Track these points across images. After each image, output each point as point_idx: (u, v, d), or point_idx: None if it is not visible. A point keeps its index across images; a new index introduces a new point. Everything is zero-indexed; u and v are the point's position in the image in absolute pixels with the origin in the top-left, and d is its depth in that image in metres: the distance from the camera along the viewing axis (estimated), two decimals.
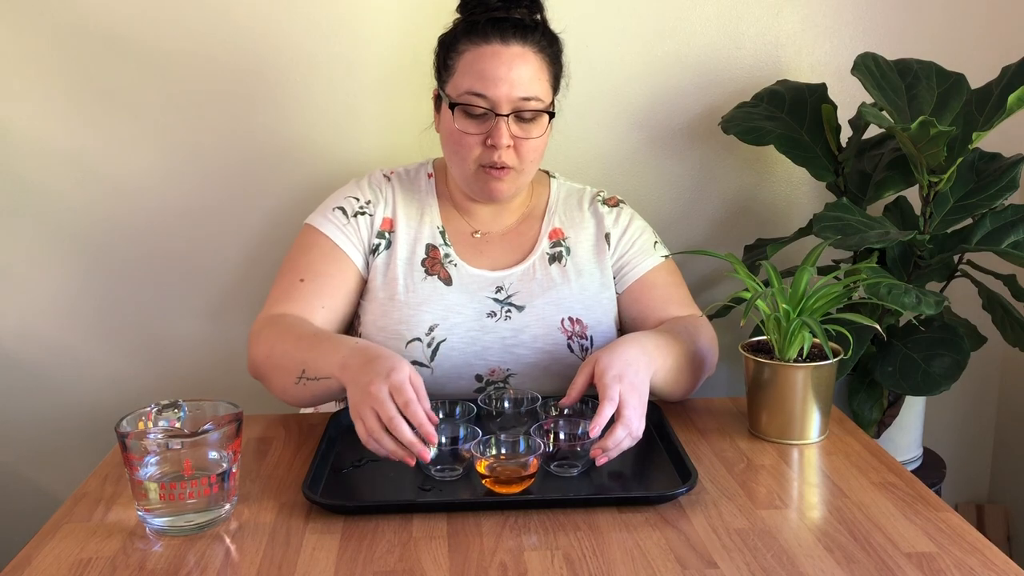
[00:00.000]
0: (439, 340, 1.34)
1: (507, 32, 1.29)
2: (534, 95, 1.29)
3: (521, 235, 1.44)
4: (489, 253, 1.42)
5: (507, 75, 1.28)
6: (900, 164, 1.60)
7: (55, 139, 1.74)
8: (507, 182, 1.33)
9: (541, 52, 1.32)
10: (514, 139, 1.30)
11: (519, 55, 1.29)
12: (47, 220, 1.78)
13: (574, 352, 1.37)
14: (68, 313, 1.82)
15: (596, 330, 1.38)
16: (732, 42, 1.78)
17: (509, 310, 1.37)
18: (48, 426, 1.87)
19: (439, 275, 1.38)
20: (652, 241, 1.47)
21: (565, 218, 1.46)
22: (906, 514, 1.03)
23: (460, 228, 1.43)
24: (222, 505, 1.03)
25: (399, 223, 1.41)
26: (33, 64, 1.71)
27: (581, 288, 1.40)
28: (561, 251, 1.42)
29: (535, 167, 1.37)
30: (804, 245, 1.61)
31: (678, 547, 0.96)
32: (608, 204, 1.48)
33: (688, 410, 1.34)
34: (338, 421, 1.27)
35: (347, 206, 1.40)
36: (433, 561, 0.94)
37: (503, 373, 1.36)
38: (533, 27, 1.32)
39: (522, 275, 1.40)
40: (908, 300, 1.34)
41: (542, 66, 1.32)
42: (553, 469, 1.12)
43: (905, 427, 1.70)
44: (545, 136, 1.34)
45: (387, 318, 1.35)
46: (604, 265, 1.43)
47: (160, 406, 1.07)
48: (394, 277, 1.38)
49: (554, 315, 1.37)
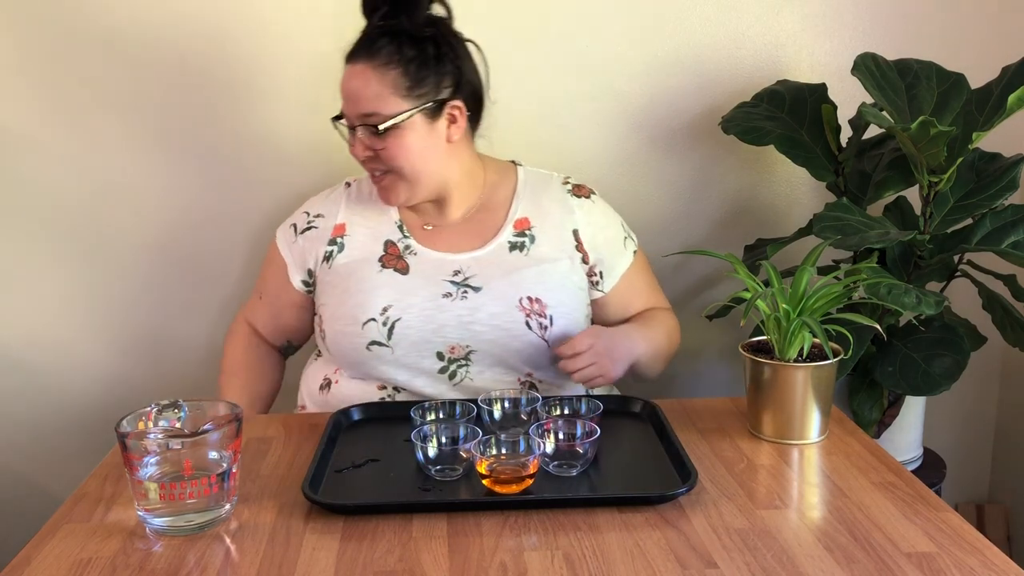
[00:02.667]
0: (394, 319, 1.38)
1: (357, 51, 1.37)
2: (372, 111, 1.35)
3: (482, 223, 1.47)
4: (449, 239, 1.46)
5: (349, 93, 1.37)
6: (900, 164, 1.60)
7: (55, 139, 1.74)
8: (391, 187, 1.40)
9: (387, 65, 1.34)
10: (372, 150, 1.37)
11: (358, 73, 1.35)
12: (47, 220, 1.78)
13: (532, 329, 1.39)
14: (68, 313, 1.82)
15: (557, 310, 1.41)
16: (732, 42, 1.78)
17: (465, 291, 1.41)
18: (48, 426, 1.87)
19: (395, 267, 1.43)
20: (622, 237, 1.52)
21: (532, 207, 1.48)
22: (906, 514, 1.03)
23: (415, 221, 1.49)
24: (222, 505, 1.03)
25: (353, 226, 1.47)
26: (33, 64, 1.71)
27: (542, 272, 1.43)
28: (524, 240, 1.45)
29: (419, 170, 1.39)
30: (804, 245, 1.61)
31: (678, 547, 0.96)
32: (576, 195, 1.51)
33: (688, 410, 1.34)
34: (338, 421, 1.27)
35: (299, 222, 1.51)
36: (433, 561, 0.94)
37: (463, 350, 1.40)
38: (387, 41, 1.34)
39: (481, 259, 1.44)
40: (908, 300, 1.34)
41: (385, 80, 1.34)
42: (553, 469, 1.12)
43: (905, 427, 1.70)
44: (407, 142, 1.36)
45: (343, 307, 1.41)
46: (573, 255, 1.47)
47: (160, 406, 1.07)
48: (348, 273, 1.43)
49: (512, 295, 1.40)
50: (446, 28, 1.40)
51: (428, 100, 1.36)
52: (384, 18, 1.36)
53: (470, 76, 1.42)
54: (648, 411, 1.29)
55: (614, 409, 1.30)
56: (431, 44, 1.36)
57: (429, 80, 1.36)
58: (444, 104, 1.38)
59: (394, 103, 1.34)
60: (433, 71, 1.36)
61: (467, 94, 1.41)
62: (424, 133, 1.37)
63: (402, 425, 1.22)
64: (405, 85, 1.34)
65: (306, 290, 1.50)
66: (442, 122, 1.39)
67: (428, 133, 1.38)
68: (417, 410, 1.21)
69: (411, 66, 1.35)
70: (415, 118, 1.36)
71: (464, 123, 1.41)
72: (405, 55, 1.34)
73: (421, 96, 1.35)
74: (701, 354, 1.95)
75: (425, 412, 1.22)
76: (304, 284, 1.50)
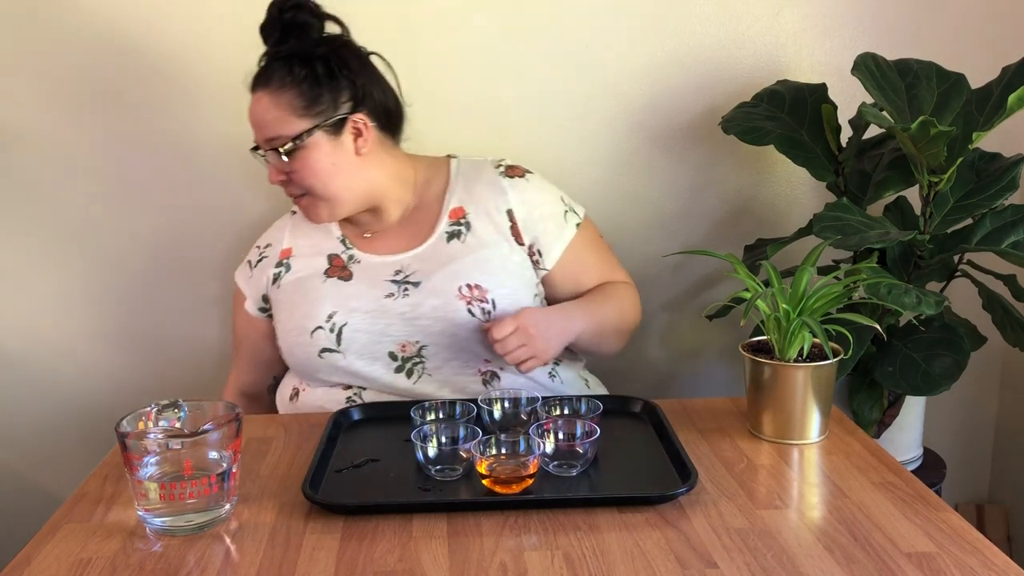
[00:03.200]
0: (340, 324, 1.41)
1: (255, 80, 1.40)
2: (275, 134, 1.38)
3: (420, 221, 1.49)
4: (388, 241, 1.49)
5: (254, 121, 1.40)
6: (900, 164, 1.60)
7: (55, 139, 1.74)
8: (311, 207, 1.44)
9: (281, 89, 1.37)
10: (285, 173, 1.40)
11: (257, 100, 1.39)
12: (47, 220, 1.78)
13: (475, 316, 1.41)
14: (68, 313, 1.82)
15: (498, 293, 1.42)
16: (732, 42, 1.78)
17: (406, 288, 1.43)
18: (48, 426, 1.87)
19: (339, 276, 1.46)
20: (562, 211, 1.52)
21: (465, 195, 1.49)
22: (906, 514, 1.03)
23: (356, 232, 1.52)
24: (222, 505, 1.03)
25: (299, 248, 1.51)
26: (33, 64, 1.71)
27: (480, 258, 1.44)
28: (460, 229, 1.46)
29: (332, 187, 1.41)
30: (804, 245, 1.61)
31: (678, 547, 0.96)
32: (509, 175, 1.51)
33: (688, 410, 1.34)
34: (338, 421, 1.27)
35: (252, 257, 1.56)
36: (433, 561, 0.94)
37: (414, 347, 1.42)
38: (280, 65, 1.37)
39: (420, 256, 1.46)
40: (908, 300, 1.34)
41: (281, 103, 1.37)
42: (553, 469, 1.12)
43: (905, 427, 1.70)
44: (313, 161, 1.38)
45: (291, 320, 1.45)
46: (510, 237, 1.47)
47: (160, 406, 1.07)
48: (295, 289, 1.47)
49: (450, 285, 1.42)
50: (341, 44, 1.42)
51: (327, 117, 1.38)
52: (276, 44, 1.39)
53: (371, 89, 1.42)
54: (648, 411, 1.29)
55: (614, 409, 1.30)
56: (321, 62, 1.38)
57: (324, 97, 1.38)
58: (346, 119, 1.39)
59: (293, 124, 1.37)
60: (327, 88, 1.38)
61: (371, 107, 1.42)
62: (330, 150, 1.39)
63: (402, 425, 1.22)
64: (301, 105, 1.37)
65: (265, 316, 1.54)
66: (347, 137, 1.40)
67: (334, 150, 1.39)
68: (417, 410, 1.21)
69: (303, 85, 1.37)
70: (318, 137, 1.38)
71: (372, 135, 1.42)
72: (296, 76, 1.37)
73: (319, 114, 1.37)
74: (701, 354, 1.95)
75: (425, 412, 1.22)
76: (262, 311, 1.54)
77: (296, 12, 1.38)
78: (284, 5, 1.38)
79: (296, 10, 1.38)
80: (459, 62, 1.77)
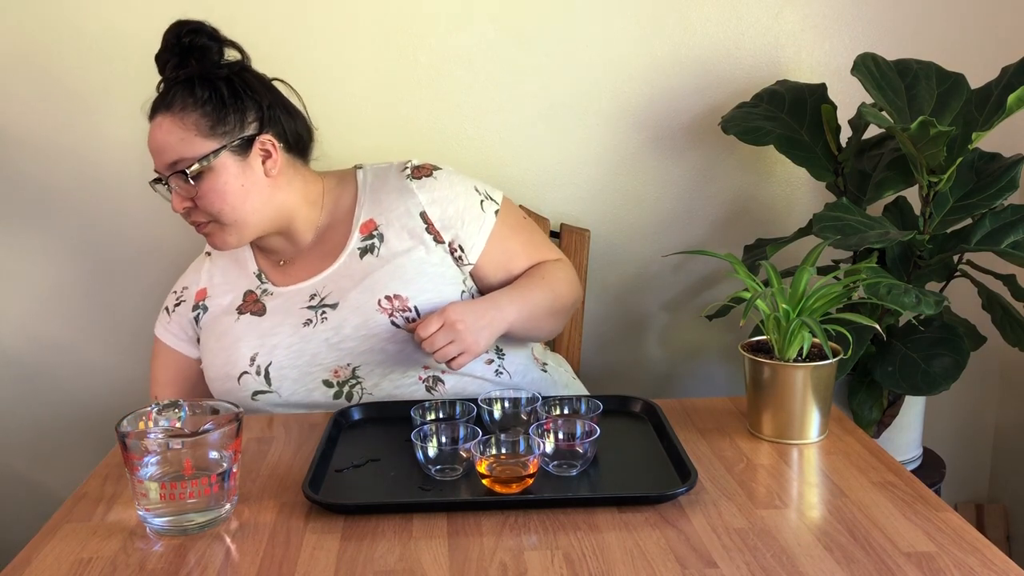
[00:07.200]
0: (265, 365, 1.38)
1: (155, 106, 1.36)
2: (178, 157, 1.33)
3: (331, 240, 1.45)
4: (302, 267, 1.45)
5: (155, 147, 1.35)
6: (900, 164, 1.60)
7: (55, 139, 1.74)
8: (216, 235, 1.39)
9: (184, 111, 1.33)
10: (191, 199, 1.36)
11: (158, 125, 1.35)
12: (47, 220, 1.78)
13: (399, 326, 1.37)
14: (68, 313, 1.83)
15: (420, 299, 1.38)
16: (732, 42, 1.78)
17: (324, 312, 1.39)
18: (48, 426, 1.87)
19: (251, 311, 1.43)
20: (478, 201, 1.47)
21: (374, 207, 1.45)
22: (906, 514, 1.03)
23: (270, 263, 1.48)
24: (222, 505, 1.03)
25: (214, 288, 1.48)
26: (33, 64, 1.71)
27: (395, 267, 1.40)
28: (373, 242, 1.43)
29: (240, 211, 1.36)
30: (804, 245, 1.61)
31: (678, 547, 0.96)
32: (416, 176, 1.46)
33: (688, 410, 1.34)
34: (338, 421, 1.28)
35: (169, 303, 1.52)
36: (433, 561, 0.94)
37: (347, 370, 1.39)
38: (181, 88, 1.34)
39: (333, 276, 1.42)
40: (908, 300, 1.34)
41: (186, 124, 1.33)
42: (553, 469, 1.12)
43: (905, 427, 1.70)
44: (221, 184, 1.34)
45: (214, 367, 1.42)
46: (426, 239, 1.43)
47: (160, 406, 1.08)
48: (210, 329, 1.44)
49: (368, 300, 1.38)
50: (242, 68, 1.40)
51: (234, 137, 1.34)
52: (175, 69, 1.36)
53: (277, 110, 1.40)
54: (648, 411, 1.29)
55: (614, 409, 1.30)
56: (225, 83, 1.35)
57: (231, 118, 1.35)
58: (253, 140, 1.36)
59: (199, 144, 1.33)
60: (233, 108, 1.35)
61: (278, 129, 1.39)
62: (238, 172, 1.35)
63: (402, 425, 1.22)
64: (207, 125, 1.33)
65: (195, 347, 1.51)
66: (255, 160, 1.37)
67: (242, 172, 1.36)
68: (417, 410, 1.22)
69: (208, 106, 1.34)
70: (225, 159, 1.34)
71: (280, 156, 1.39)
72: (200, 97, 1.34)
73: (226, 134, 1.34)
74: (701, 354, 1.95)
75: (425, 412, 1.23)
76: (193, 343, 1.50)
77: (194, 36, 1.35)
78: (181, 30, 1.35)
79: (195, 34, 1.35)
80: (459, 62, 1.77)
